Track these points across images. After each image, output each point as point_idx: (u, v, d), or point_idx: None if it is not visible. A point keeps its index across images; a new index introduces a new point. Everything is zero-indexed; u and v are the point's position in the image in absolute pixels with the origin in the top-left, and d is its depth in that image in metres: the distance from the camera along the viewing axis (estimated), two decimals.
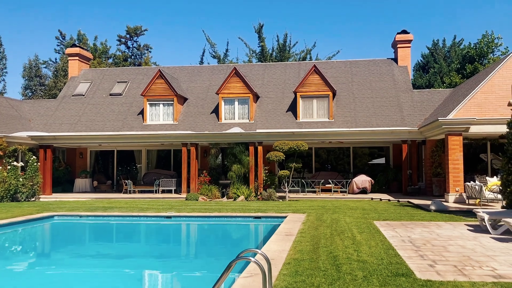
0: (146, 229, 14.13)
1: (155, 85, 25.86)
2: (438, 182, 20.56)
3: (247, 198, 19.95)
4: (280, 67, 29.18)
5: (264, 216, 14.31)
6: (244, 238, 12.47)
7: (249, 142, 22.38)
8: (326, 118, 24.30)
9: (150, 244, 12.23)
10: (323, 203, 17.74)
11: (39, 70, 43.11)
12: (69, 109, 27.52)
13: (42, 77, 43.03)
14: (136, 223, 14.59)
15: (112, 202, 18.29)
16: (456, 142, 17.34)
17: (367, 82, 26.48)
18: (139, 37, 48.99)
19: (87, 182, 25.72)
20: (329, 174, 23.85)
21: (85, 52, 31.22)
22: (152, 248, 11.52)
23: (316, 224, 11.50)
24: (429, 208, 14.69)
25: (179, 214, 14.63)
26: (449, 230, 10.15)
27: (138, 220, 14.69)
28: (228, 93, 25.30)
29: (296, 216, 13.67)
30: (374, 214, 13.42)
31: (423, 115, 23.24)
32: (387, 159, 25.50)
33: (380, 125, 22.99)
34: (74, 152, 27.65)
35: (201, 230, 13.95)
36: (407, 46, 27.65)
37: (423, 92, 25.59)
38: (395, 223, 11.53)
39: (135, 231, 14.02)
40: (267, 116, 25.14)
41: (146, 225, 14.41)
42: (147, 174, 25.46)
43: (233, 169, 21.97)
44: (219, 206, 16.53)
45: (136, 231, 14.01)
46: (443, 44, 47.22)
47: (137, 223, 14.61)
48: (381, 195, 21.13)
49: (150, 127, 25.37)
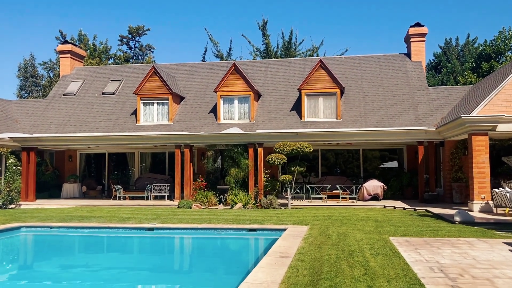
0: (121, 244, 12.18)
1: (148, 83, 24.00)
2: (459, 187, 18.40)
3: (245, 206, 17.95)
4: (284, 63, 27.18)
5: (260, 229, 12.30)
6: (231, 258, 10.44)
7: (248, 143, 20.38)
8: (334, 118, 22.25)
9: (120, 263, 10.25)
10: (330, 212, 15.69)
11: (35, 70, 41.49)
12: (59, 109, 25.74)
13: (38, 78, 41.41)
14: (113, 236, 12.66)
15: (93, 211, 16.38)
16: (482, 142, 15.21)
17: (378, 79, 24.39)
18: (141, 37, 47.28)
19: (75, 187, 23.87)
20: (337, 179, 21.75)
21: (77, 49, 29.47)
22: (118, 268, 9.55)
23: (319, 240, 9.48)
24: (453, 220, 12.58)
25: (162, 226, 12.67)
26: (487, 252, 8.06)
27: (116, 232, 12.74)
28: (227, 91, 23.35)
29: (297, 229, 11.65)
30: (389, 227, 11.35)
31: (439, 114, 21.11)
32: (400, 162, 23.34)
33: (393, 124, 20.90)
34: (63, 155, 25.84)
35: (183, 247, 11.98)
36: (421, 40, 25.52)
37: (440, 89, 23.45)
38: (416, 240, 9.46)
39: (108, 246, 12.09)
40: (269, 115, 23.15)
41: (122, 239, 12.46)
42: (139, 179, 23.56)
43: (231, 173, 20.00)
44: (211, 216, 14.55)
45: (110, 246, 12.07)
46: (456, 43, 44.97)
47: (114, 235, 12.68)
48: (395, 202, 19.02)
49: (143, 128, 23.49)
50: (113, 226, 12.83)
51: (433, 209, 15.87)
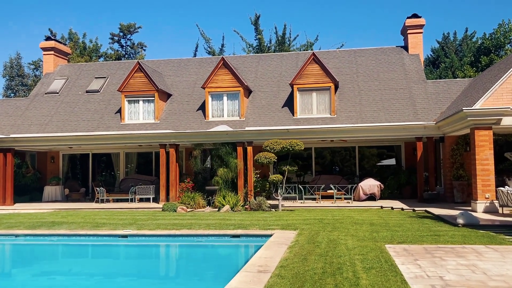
0: (89, 253, 11.06)
1: (133, 80, 22.86)
2: (460, 186, 17.29)
3: (233, 208, 16.80)
4: (276, 58, 26.05)
5: (244, 235, 11.17)
6: (205, 271, 9.29)
7: (237, 142, 19.24)
8: (327, 114, 21.15)
9: (85, 274, 9.11)
10: (322, 214, 14.56)
11: (22, 69, 40.26)
12: (41, 108, 24.59)
13: (25, 77, 40.19)
14: (82, 244, 11.53)
15: (69, 216, 15.22)
16: (485, 137, 14.09)
17: (374, 73, 23.28)
18: (132, 34, 46.15)
19: (57, 190, 22.69)
20: (331, 178, 20.62)
21: (61, 46, 28.29)
22: (82, 281, 8.42)
23: (306, 250, 8.35)
24: (455, 222, 11.47)
25: (137, 233, 11.52)
26: (499, 263, 6.94)
27: (86, 240, 11.60)
28: (216, 87, 22.23)
29: (284, 234, 10.52)
30: (386, 232, 10.22)
31: (439, 109, 20.02)
32: (398, 159, 22.21)
33: (390, 120, 19.81)
34: (45, 157, 24.65)
35: (156, 257, 10.84)
36: (418, 32, 24.43)
37: (439, 82, 22.35)
38: (416, 248, 8.33)
39: (75, 256, 10.94)
40: (260, 112, 22.03)
41: (92, 248, 11.34)
42: (124, 180, 22.39)
43: (219, 173, 18.84)
44: (194, 220, 13.40)
45: (77, 256, 10.92)
46: (454, 37, 43.87)
47: (84, 243, 11.54)
48: (393, 202, 17.90)
49: (128, 126, 22.36)
50: (83, 233, 11.68)
51: (434, 210, 14.75)
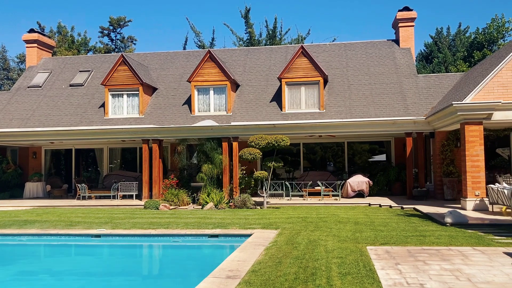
0: (59, 254, 10.48)
1: (117, 73, 22.20)
2: (451, 183, 16.85)
3: (216, 206, 16.28)
4: (264, 51, 25.46)
5: (223, 234, 10.65)
6: (174, 275, 8.73)
7: (222, 137, 18.70)
8: (316, 109, 20.61)
9: (50, 277, 8.55)
10: (307, 212, 14.07)
11: (7, 62, 39.42)
12: (23, 102, 23.88)
13: (11, 70, 39.37)
14: (53, 245, 10.96)
15: (45, 213, 14.63)
16: (476, 133, 13.63)
17: (365, 67, 22.75)
18: (123, 28, 45.38)
19: (39, 186, 22.07)
20: (319, 174, 20.14)
21: (45, 39, 27.54)
22: (45, 284, 7.87)
23: (283, 251, 7.84)
24: (443, 221, 11.00)
25: (110, 232, 10.97)
26: (486, 268, 6.45)
27: (57, 240, 11.03)
28: (202, 81, 21.62)
29: (264, 234, 10.01)
30: (370, 232, 9.73)
31: (430, 104, 19.54)
32: (388, 155, 21.74)
33: (379, 115, 19.32)
34: (27, 152, 23.99)
35: (126, 258, 10.25)
36: (410, 25, 23.88)
37: (430, 77, 21.85)
38: (399, 250, 7.84)
39: (43, 257, 10.36)
40: (247, 107, 21.46)
41: (62, 248, 10.76)
42: (107, 176, 21.79)
43: (203, 169, 18.31)
44: (173, 219, 12.87)
45: (45, 257, 10.35)
46: (447, 32, 43.44)
47: (55, 243, 10.98)
48: (381, 200, 17.45)
49: (112, 121, 21.72)
50: (54, 233, 11.12)
51: (422, 207, 14.30)
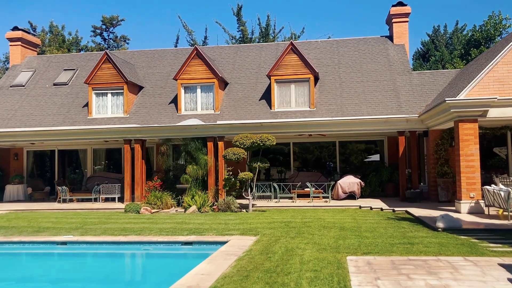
0: (16, 264, 9.68)
1: (101, 71, 21.42)
2: (445, 184, 16.09)
3: (199, 209, 15.50)
4: (255, 49, 24.69)
5: (197, 242, 9.87)
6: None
7: (207, 136, 17.94)
8: (307, 107, 19.85)
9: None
10: (293, 215, 13.30)
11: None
12: (4, 102, 23.09)
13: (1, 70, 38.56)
14: (14, 253, 10.18)
15: (16, 219, 13.84)
16: (470, 131, 12.87)
17: (357, 64, 21.99)
18: (115, 27, 44.64)
19: (20, 189, 21.27)
20: (310, 175, 19.37)
21: (29, 37, 26.74)
22: None
23: (254, 263, 7.08)
24: (435, 226, 10.24)
25: (77, 239, 10.19)
26: (478, 284, 5.68)
27: (21, 248, 10.26)
28: (189, 79, 20.85)
29: (240, 242, 9.24)
30: (354, 239, 8.95)
31: (424, 101, 18.79)
32: (381, 155, 20.99)
33: (372, 113, 18.56)
34: (8, 153, 23.20)
35: (87, 269, 9.44)
36: (404, 21, 23.11)
37: (424, 74, 21.09)
38: (382, 261, 7.07)
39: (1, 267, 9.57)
40: (236, 105, 20.69)
41: (22, 257, 9.99)
42: (90, 178, 21.00)
43: (187, 170, 17.53)
44: (148, 224, 12.09)
45: (2, 268, 9.55)
46: (444, 30, 42.76)
47: (16, 252, 10.20)
48: (373, 202, 16.68)
49: (96, 121, 20.94)
50: (17, 240, 10.34)
51: (415, 210, 13.53)
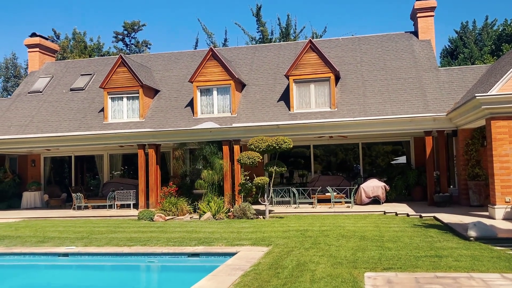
0: (14, 278, 9.17)
1: (116, 75, 21.05)
2: (477, 187, 14.94)
3: (214, 216, 14.81)
4: (273, 49, 23.93)
5: (205, 253, 9.15)
6: None
7: (222, 140, 17.27)
8: (327, 107, 18.96)
9: None
10: (311, 223, 12.45)
11: (18, 69, 38.99)
12: (22, 108, 23.00)
13: (21, 77, 38.94)
14: (14, 265, 9.69)
15: (24, 227, 13.43)
16: (504, 129, 11.78)
17: (380, 61, 20.97)
18: (137, 32, 44.71)
19: (36, 196, 21.06)
20: (331, 179, 18.46)
21: (47, 43, 26.70)
22: None
23: (260, 279, 6.31)
24: (466, 234, 9.24)
25: (80, 251, 9.61)
26: None
27: (21, 260, 9.76)
28: (205, 81, 20.24)
29: (250, 254, 8.48)
30: (374, 251, 8.07)
31: (452, 99, 17.65)
32: (408, 157, 19.88)
33: (396, 112, 17.52)
34: (25, 160, 23.07)
35: (87, 282, 8.84)
36: (429, 15, 21.97)
37: (452, 70, 19.92)
38: (405, 278, 6.18)
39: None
40: (253, 107, 19.96)
41: (21, 270, 9.48)
42: (106, 185, 20.61)
43: (203, 175, 16.88)
44: (156, 233, 11.45)
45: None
46: (473, 26, 40.98)
47: (16, 264, 9.70)
48: (399, 207, 15.66)
49: (111, 126, 20.55)
50: (18, 251, 9.84)
51: (444, 216, 12.49)
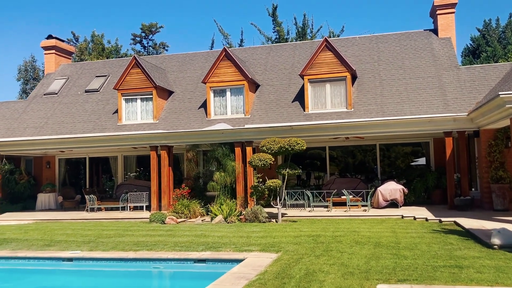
0: (14, 285, 8.95)
1: (130, 76, 20.90)
2: (500, 190, 14.24)
3: (226, 219, 14.46)
4: (288, 48, 23.49)
5: (211, 259, 8.79)
6: None
7: (235, 142, 16.91)
8: (343, 108, 18.45)
9: None
10: (325, 227, 11.98)
11: (37, 72, 39.36)
12: (38, 110, 23.06)
13: (40, 80, 39.29)
14: (18, 270, 9.49)
15: (33, 230, 13.29)
16: None
17: (398, 60, 20.35)
18: (154, 35, 44.84)
19: (51, 198, 21.04)
20: (347, 182, 17.93)
21: (63, 45, 26.76)
22: None
23: None
24: (490, 242, 8.67)
25: (84, 256, 9.36)
26: None
27: (25, 264, 9.56)
28: (218, 82, 19.93)
29: (257, 260, 8.08)
30: (389, 260, 7.58)
31: (474, 98, 16.96)
32: (427, 159, 19.21)
33: (415, 113, 16.91)
34: (41, 162, 23.12)
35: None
36: (449, 12, 21.23)
37: (474, 68, 19.18)
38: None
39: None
40: (267, 108, 19.56)
41: (22, 275, 9.26)
42: (120, 186, 20.47)
43: (215, 178, 16.57)
44: (164, 237, 11.14)
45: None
46: (496, 24, 39.77)
47: (20, 268, 9.50)
48: (417, 210, 15.04)
49: (125, 127, 20.40)
50: (23, 256, 9.64)
51: (465, 221, 11.88)
